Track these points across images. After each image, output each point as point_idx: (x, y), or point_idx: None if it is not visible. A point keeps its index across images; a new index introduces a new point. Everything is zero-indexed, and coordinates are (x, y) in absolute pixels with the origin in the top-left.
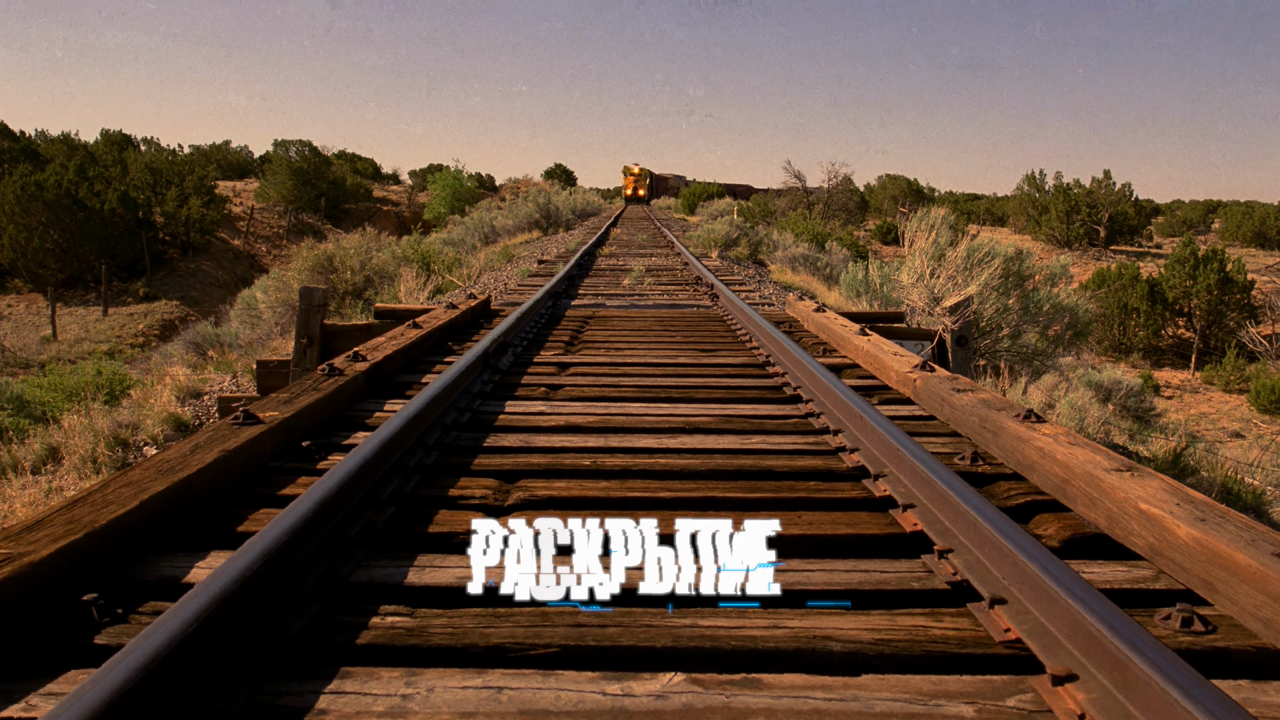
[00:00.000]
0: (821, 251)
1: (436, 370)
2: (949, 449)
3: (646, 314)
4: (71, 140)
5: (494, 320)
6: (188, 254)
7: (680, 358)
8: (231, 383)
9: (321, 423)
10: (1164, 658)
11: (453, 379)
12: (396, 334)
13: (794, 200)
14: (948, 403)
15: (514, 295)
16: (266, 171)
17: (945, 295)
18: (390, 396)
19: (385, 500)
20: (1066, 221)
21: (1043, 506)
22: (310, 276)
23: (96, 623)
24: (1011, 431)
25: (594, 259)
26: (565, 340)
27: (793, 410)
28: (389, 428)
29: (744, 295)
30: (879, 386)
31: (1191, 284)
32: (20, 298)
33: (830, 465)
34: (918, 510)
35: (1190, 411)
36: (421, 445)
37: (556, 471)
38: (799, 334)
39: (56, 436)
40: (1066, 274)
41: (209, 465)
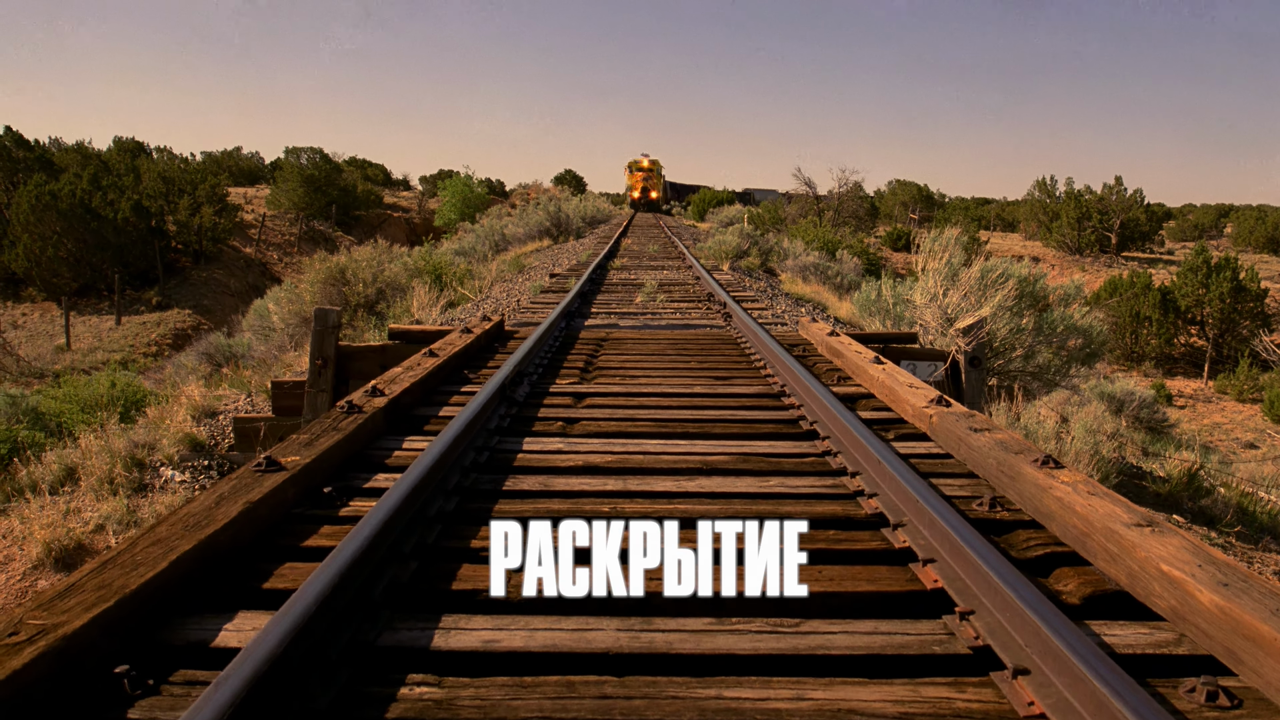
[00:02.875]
0: (832, 260)
1: (453, 402)
2: (967, 491)
3: (660, 336)
4: (85, 149)
5: (509, 343)
6: (200, 262)
7: (695, 386)
8: (246, 401)
9: (342, 463)
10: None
11: (470, 418)
12: (413, 363)
13: (804, 207)
14: (965, 442)
15: (527, 314)
16: (278, 179)
17: (958, 315)
18: (409, 432)
19: (408, 555)
20: (1078, 228)
21: (1063, 559)
22: (323, 289)
23: (129, 696)
24: (1030, 478)
25: (605, 272)
26: (580, 366)
27: (810, 448)
28: (410, 477)
29: (756, 313)
30: (894, 420)
31: (1204, 292)
32: (35, 306)
33: (849, 512)
34: (938, 566)
35: (1204, 422)
36: (442, 491)
37: (576, 518)
38: (812, 358)
39: (73, 456)
40: (1080, 294)
41: (234, 520)
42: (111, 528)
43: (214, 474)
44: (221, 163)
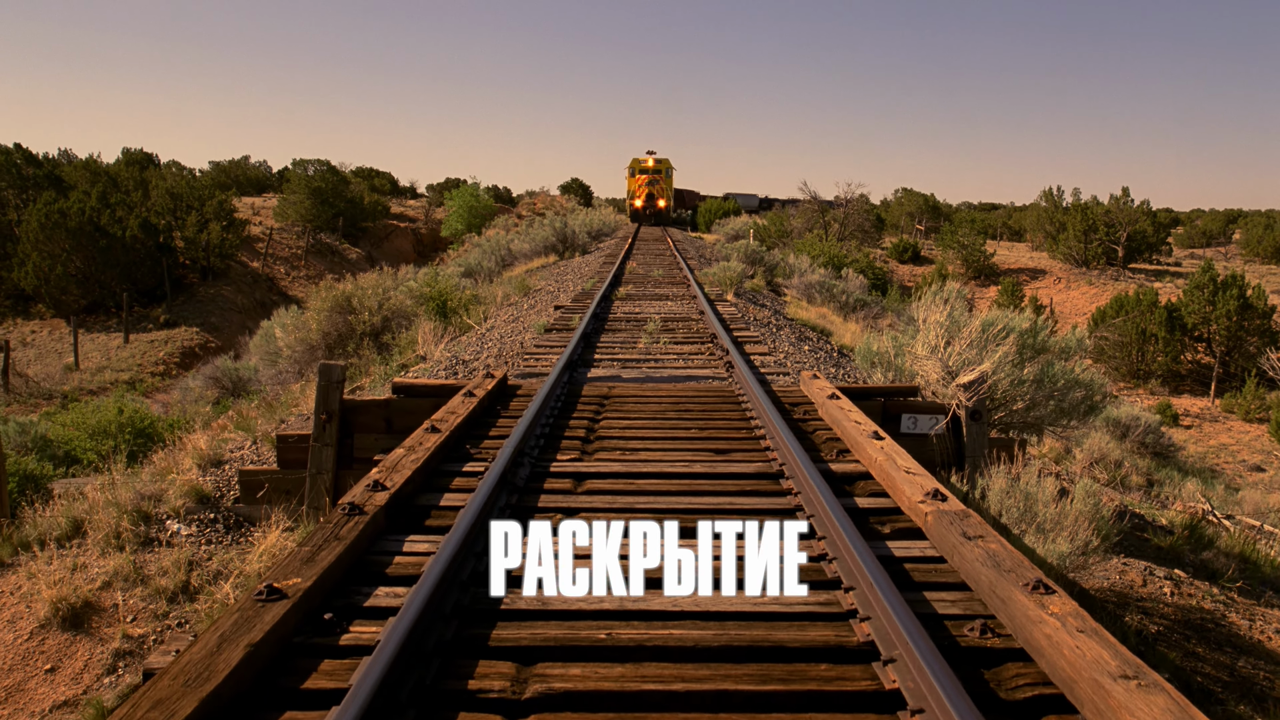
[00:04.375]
0: (838, 278)
1: (455, 487)
2: (959, 609)
3: (662, 392)
4: (94, 165)
5: (511, 403)
6: (207, 278)
7: (696, 464)
8: (252, 449)
9: (344, 575)
10: None
11: (471, 522)
12: (415, 443)
13: (810, 220)
14: (957, 551)
15: (531, 361)
16: (285, 190)
17: (959, 369)
18: (411, 529)
19: (405, 703)
20: (1084, 241)
21: (1051, 704)
22: (329, 317)
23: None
24: (1020, 606)
25: (610, 304)
26: (581, 436)
27: (807, 550)
28: (409, 614)
29: (758, 359)
30: (891, 510)
31: (1211, 310)
32: (44, 323)
33: (841, 638)
34: (926, 718)
35: (1210, 443)
36: (440, 615)
37: (573, 650)
38: (812, 423)
39: (80, 508)
40: (1083, 347)
41: (235, 669)
42: (118, 585)
43: (219, 527)
44: (229, 172)
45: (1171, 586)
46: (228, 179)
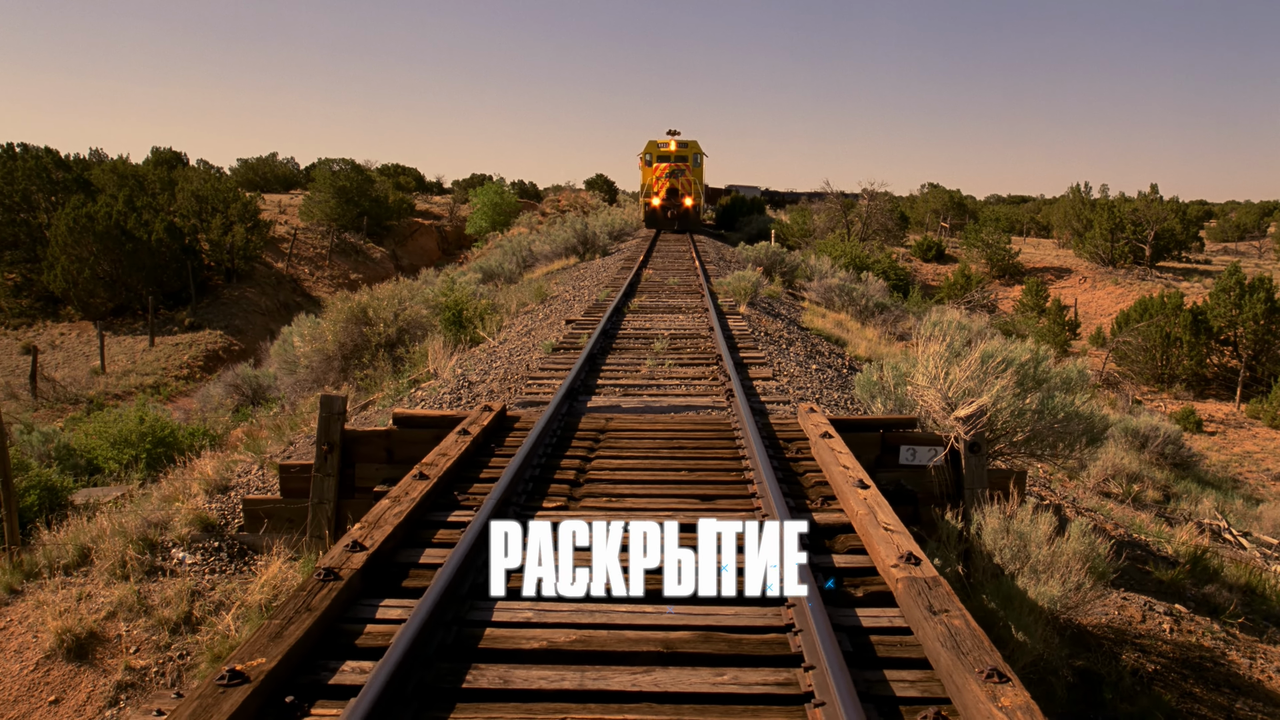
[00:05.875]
0: (858, 281)
1: (437, 540)
2: (916, 691)
3: (659, 425)
4: (121, 167)
5: (507, 439)
6: (231, 281)
7: (680, 514)
8: (258, 474)
9: (313, 648)
10: None
11: (444, 587)
12: (401, 493)
13: (833, 219)
14: (921, 626)
15: (534, 386)
16: (310, 189)
17: (958, 400)
18: (388, 592)
19: None
20: (1111, 239)
21: None
22: (345, 328)
23: None
24: (972, 696)
25: (621, 318)
26: (570, 479)
27: (774, 618)
28: (367, 698)
29: (761, 383)
30: (867, 570)
31: (1237, 313)
32: (72, 326)
33: None
34: None
35: (1234, 450)
36: (400, 697)
37: None
38: (804, 464)
39: (88, 536)
40: (1084, 379)
41: None
42: (122, 615)
43: (224, 556)
44: (257, 169)
45: (1171, 623)
46: (255, 176)
